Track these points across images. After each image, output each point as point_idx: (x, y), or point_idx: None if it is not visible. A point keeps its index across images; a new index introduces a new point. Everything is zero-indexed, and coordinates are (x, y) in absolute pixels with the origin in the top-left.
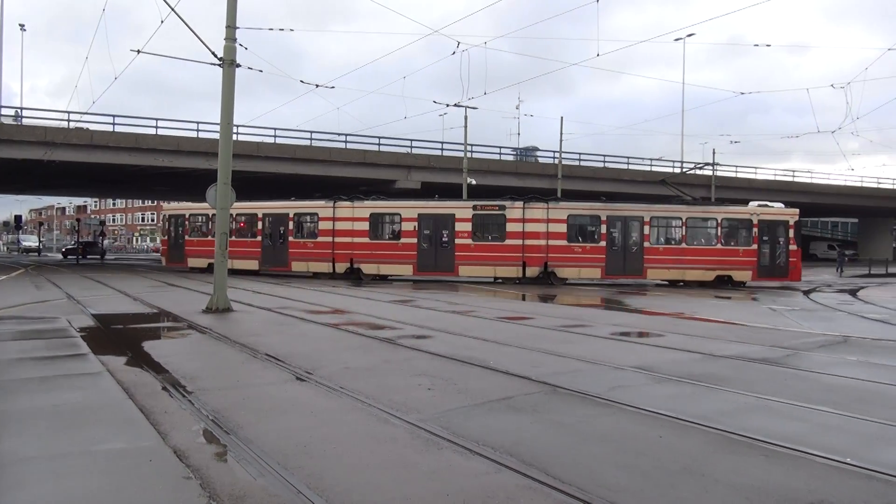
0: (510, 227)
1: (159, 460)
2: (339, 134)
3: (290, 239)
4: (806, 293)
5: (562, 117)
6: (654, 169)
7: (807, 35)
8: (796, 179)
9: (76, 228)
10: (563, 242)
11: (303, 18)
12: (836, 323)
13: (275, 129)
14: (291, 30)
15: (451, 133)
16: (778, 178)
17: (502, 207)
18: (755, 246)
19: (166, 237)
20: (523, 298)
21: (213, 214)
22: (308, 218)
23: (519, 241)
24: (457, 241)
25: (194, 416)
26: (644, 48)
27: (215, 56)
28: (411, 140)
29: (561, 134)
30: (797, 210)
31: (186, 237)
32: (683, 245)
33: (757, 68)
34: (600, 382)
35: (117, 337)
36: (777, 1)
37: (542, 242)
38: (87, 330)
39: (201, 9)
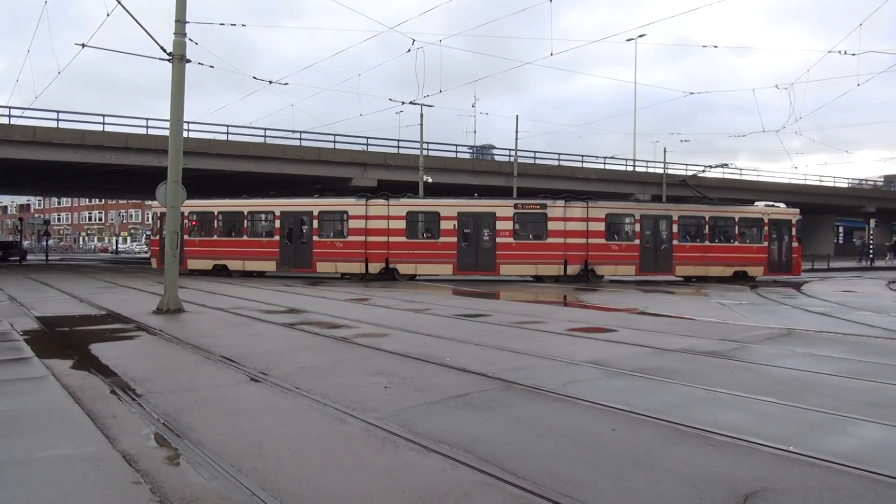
0: (551, 225)
1: (107, 466)
2: (293, 131)
3: (315, 238)
4: (752, 287)
5: (517, 116)
6: (608, 167)
7: (751, 37)
8: (743, 177)
9: (19, 228)
10: (602, 241)
11: (254, 14)
12: (780, 316)
13: (227, 125)
14: (243, 25)
15: (408, 131)
16: (727, 175)
17: (543, 206)
18: (766, 243)
19: (158, 237)
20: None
21: (220, 212)
22: (336, 216)
23: (561, 240)
24: (498, 239)
25: (144, 419)
26: (596, 48)
27: (164, 51)
28: (367, 138)
29: (517, 132)
30: (798, 210)
31: (186, 237)
32: (707, 243)
33: (704, 69)
34: (555, 378)
35: (63, 340)
36: (723, 3)
37: (583, 241)
38: (31, 333)
39: (149, 2)
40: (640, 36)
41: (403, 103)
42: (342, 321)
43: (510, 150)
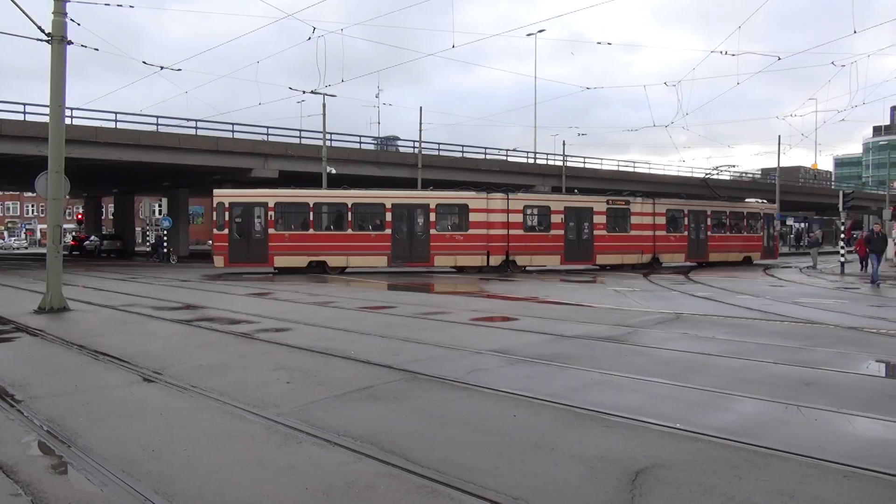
0: (633, 219)
1: None
2: (188, 119)
3: (433, 232)
4: (646, 275)
5: (420, 107)
6: (511, 159)
7: (640, 35)
8: (637, 170)
9: None
10: (664, 233)
11: None
12: (671, 302)
13: (116, 112)
14: (131, 6)
15: (310, 121)
16: (620, 168)
17: (628, 202)
18: (762, 233)
19: (225, 231)
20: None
21: (316, 203)
22: (455, 209)
23: (638, 232)
24: (595, 232)
25: (24, 426)
26: (496, 42)
27: (42, 31)
28: (268, 127)
29: (420, 124)
30: (776, 205)
31: (272, 231)
32: (727, 233)
33: (598, 65)
34: (459, 367)
35: None
36: (614, 2)
37: (651, 233)
38: None
39: None
40: (540, 31)
41: (305, 92)
42: (243, 316)
43: (414, 141)
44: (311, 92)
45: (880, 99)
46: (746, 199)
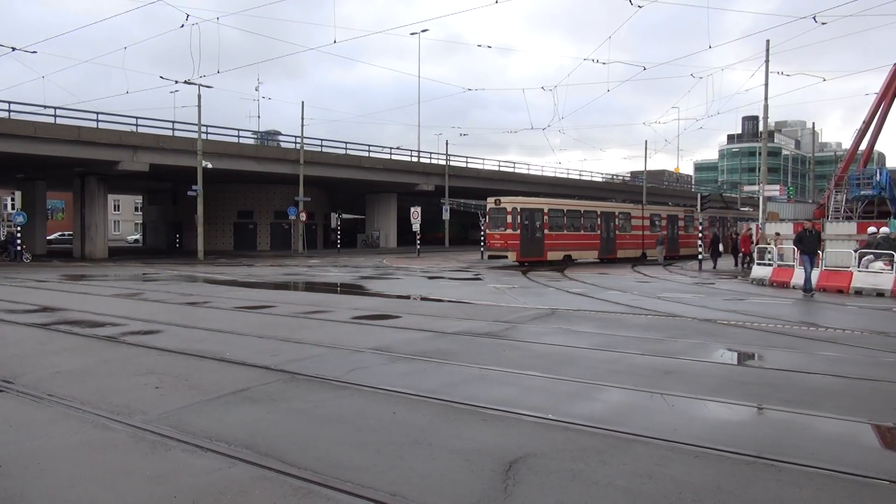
0: (633, 222)
1: None
2: (45, 106)
3: (617, 233)
4: (524, 273)
5: (303, 102)
6: (395, 158)
7: (513, 39)
8: (516, 171)
9: None
10: (649, 232)
11: None
12: (546, 298)
13: None
14: None
15: (184, 112)
16: (502, 168)
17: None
18: (694, 232)
19: (518, 231)
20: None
21: (569, 210)
22: (623, 216)
23: (637, 233)
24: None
25: None
26: (375, 39)
27: None
28: (137, 118)
29: (302, 119)
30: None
31: (546, 231)
32: (682, 233)
33: (474, 67)
34: (339, 366)
35: None
36: (489, 5)
37: (641, 233)
38: None
39: None
40: (423, 31)
41: (178, 82)
42: (108, 319)
43: (296, 136)
44: (185, 82)
45: (733, 109)
46: (669, 204)
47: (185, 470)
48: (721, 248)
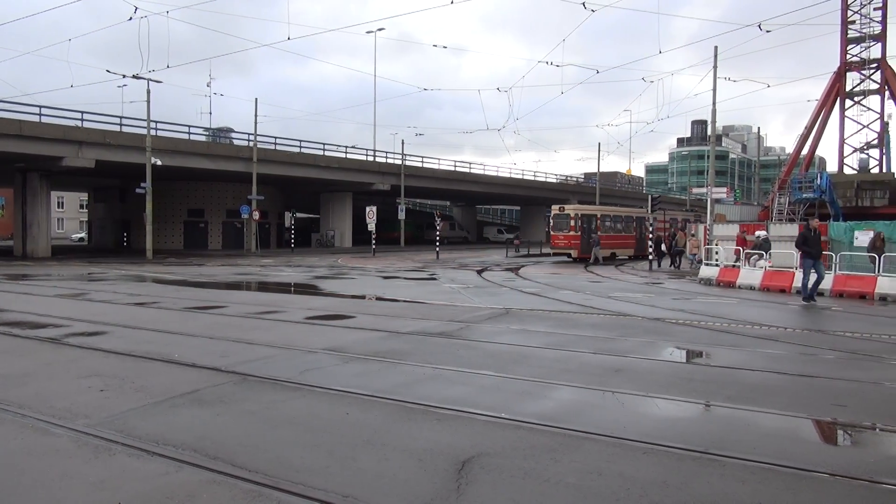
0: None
1: None
2: None
3: (646, 234)
4: (479, 272)
5: (256, 99)
6: (350, 156)
7: (467, 39)
8: (472, 171)
9: None
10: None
11: None
12: (501, 297)
13: None
14: None
15: (132, 107)
16: (457, 168)
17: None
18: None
19: (579, 233)
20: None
21: (614, 215)
22: (651, 221)
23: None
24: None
25: None
26: (330, 37)
27: None
28: (83, 112)
29: (256, 116)
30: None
31: (599, 233)
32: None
33: (427, 66)
34: (292, 367)
35: None
36: (443, 6)
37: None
38: None
39: None
40: (380, 30)
41: (125, 76)
42: (50, 320)
43: (249, 134)
44: (134, 76)
45: (683, 113)
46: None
47: (130, 475)
48: (664, 247)
